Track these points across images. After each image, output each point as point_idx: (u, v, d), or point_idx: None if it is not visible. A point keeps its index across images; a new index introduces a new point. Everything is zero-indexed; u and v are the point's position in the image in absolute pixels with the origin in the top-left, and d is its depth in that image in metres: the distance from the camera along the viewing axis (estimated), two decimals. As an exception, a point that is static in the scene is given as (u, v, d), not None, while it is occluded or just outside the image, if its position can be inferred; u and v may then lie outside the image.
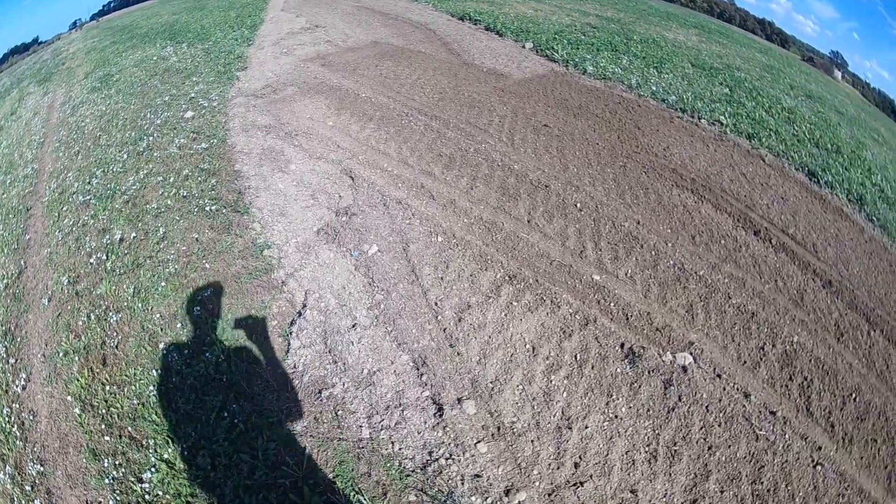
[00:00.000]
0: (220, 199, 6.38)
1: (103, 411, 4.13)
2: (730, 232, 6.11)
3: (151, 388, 4.22)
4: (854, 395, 4.34)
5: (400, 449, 3.82)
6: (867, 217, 6.87)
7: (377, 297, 5.02)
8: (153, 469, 3.71)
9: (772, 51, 19.65)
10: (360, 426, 3.95)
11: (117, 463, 3.79)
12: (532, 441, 3.88)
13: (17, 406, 4.43)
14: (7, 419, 4.31)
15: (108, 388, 4.31)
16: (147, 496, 3.58)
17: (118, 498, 3.62)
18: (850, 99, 16.62)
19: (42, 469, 3.90)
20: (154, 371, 4.37)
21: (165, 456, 3.75)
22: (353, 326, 4.70)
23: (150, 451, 3.81)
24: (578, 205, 6.25)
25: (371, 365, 4.40)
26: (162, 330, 4.76)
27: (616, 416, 4.04)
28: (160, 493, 3.58)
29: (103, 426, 4.04)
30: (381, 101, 8.98)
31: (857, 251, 6.14)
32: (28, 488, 3.80)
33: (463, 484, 3.60)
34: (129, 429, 3.99)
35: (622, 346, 4.61)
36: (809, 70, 18.65)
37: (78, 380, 4.39)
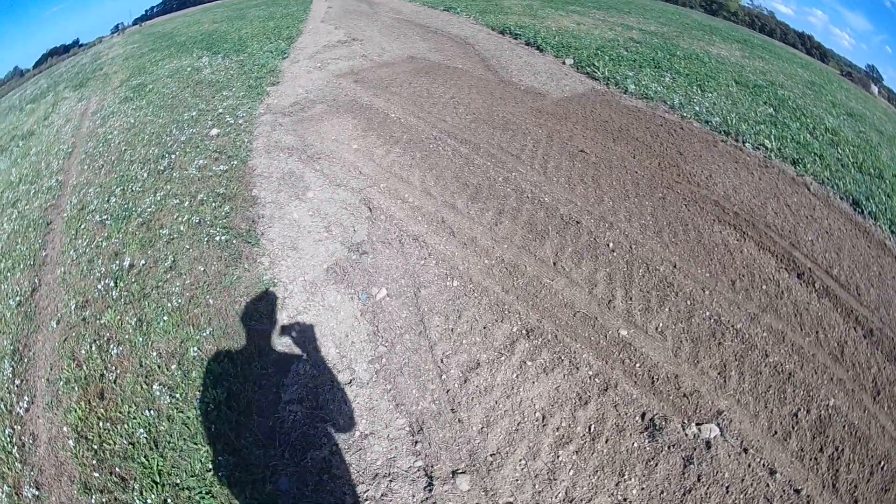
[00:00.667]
0: (231, 227, 6.14)
1: (96, 446, 4.01)
2: (772, 275, 5.58)
3: (142, 430, 4.01)
4: (882, 464, 3.88)
5: (382, 525, 3.47)
6: (909, 251, 6.36)
7: (380, 349, 4.63)
8: (137, 512, 3.55)
9: (812, 65, 18.84)
10: (345, 494, 3.60)
11: (104, 500, 3.69)
12: (528, 526, 3.46)
13: (19, 428, 4.37)
14: (9, 440, 4.25)
15: (102, 423, 4.16)
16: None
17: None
18: (888, 116, 15.78)
19: (37, 493, 3.86)
20: (147, 411, 4.17)
21: (149, 501, 3.59)
22: (350, 382, 4.34)
23: (136, 493, 3.65)
24: (611, 244, 5.79)
25: (364, 427, 4.03)
26: (159, 368, 4.53)
27: (625, 500, 3.59)
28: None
29: (95, 461, 3.91)
30: (410, 122, 8.68)
31: (900, 291, 5.64)
32: (24, 509, 3.78)
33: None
34: (118, 468, 3.84)
35: (643, 416, 4.12)
36: (849, 86, 17.77)
37: (76, 410, 4.26)
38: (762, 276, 5.54)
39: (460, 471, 3.73)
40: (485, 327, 4.81)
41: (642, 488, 3.64)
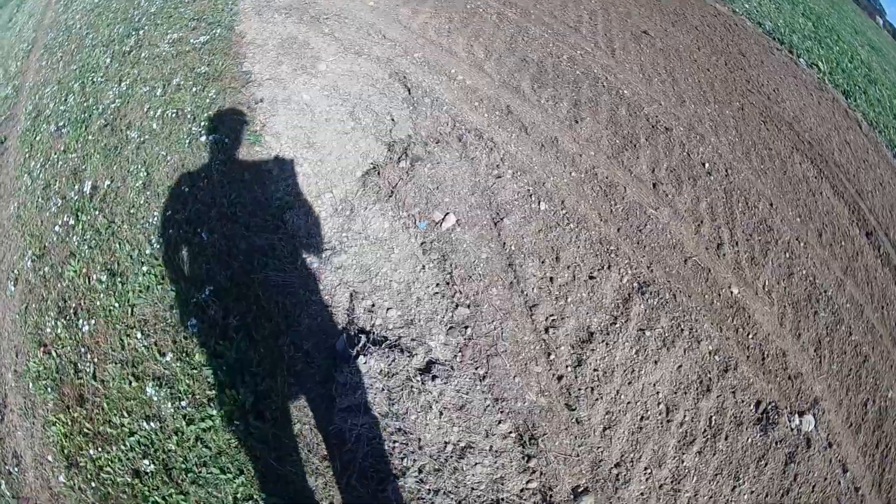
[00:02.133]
0: (221, 119, 4.35)
1: (93, 482, 2.69)
2: (848, 229, 5.07)
3: (147, 460, 2.68)
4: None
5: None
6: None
7: (460, 311, 3.27)
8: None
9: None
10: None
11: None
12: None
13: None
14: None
15: (92, 444, 2.79)
16: None
17: None
18: (896, 53, 15.22)
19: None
20: (145, 423, 2.79)
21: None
22: (428, 368, 3.00)
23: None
24: (706, 165, 4.80)
25: (456, 437, 2.78)
26: (148, 353, 3.03)
27: (735, 508, 2.90)
28: None
29: (96, 500, 2.63)
30: (436, -28, 6.75)
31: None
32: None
33: None
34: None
35: (757, 405, 3.38)
36: (857, 10, 17.07)
37: (56, 424, 2.90)
38: (840, 229, 5.00)
39: (581, 489, 2.73)
40: (590, 277, 3.60)
41: (752, 492, 3.03)
